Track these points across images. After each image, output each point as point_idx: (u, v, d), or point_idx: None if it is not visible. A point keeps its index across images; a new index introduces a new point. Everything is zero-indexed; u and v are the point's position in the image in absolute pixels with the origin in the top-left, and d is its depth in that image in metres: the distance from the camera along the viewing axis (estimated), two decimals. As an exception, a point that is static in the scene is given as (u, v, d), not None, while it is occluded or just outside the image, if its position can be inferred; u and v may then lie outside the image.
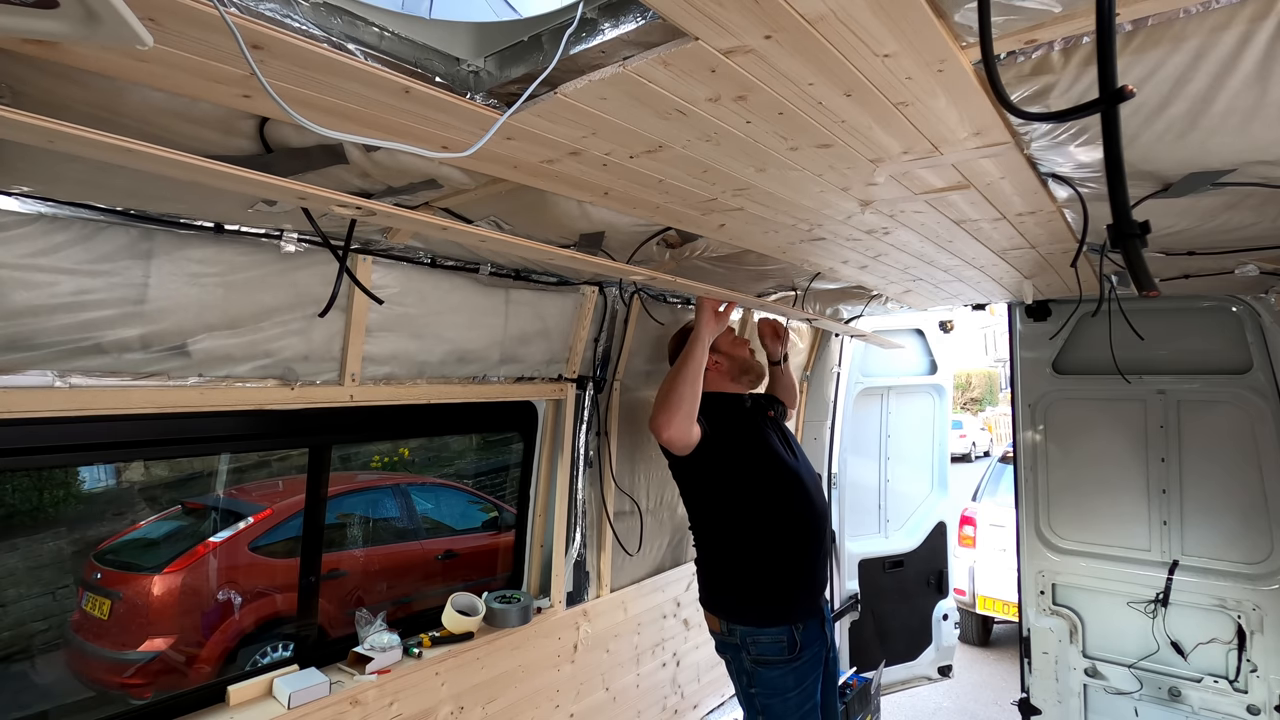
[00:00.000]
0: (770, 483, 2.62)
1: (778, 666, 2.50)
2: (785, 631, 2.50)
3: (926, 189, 1.59)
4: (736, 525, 2.60)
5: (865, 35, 0.89)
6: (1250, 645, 3.23)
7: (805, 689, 2.52)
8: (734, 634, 2.56)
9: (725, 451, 2.55)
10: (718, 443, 2.52)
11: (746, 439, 2.66)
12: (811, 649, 2.54)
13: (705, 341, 2.48)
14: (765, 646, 2.50)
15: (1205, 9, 0.90)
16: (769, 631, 2.51)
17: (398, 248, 2.00)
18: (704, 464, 2.54)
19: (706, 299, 2.49)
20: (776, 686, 2.51)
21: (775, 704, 2.51)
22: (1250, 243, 2.16)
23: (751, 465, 2.61)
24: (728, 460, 2.57)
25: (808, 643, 2.53)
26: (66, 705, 3.30)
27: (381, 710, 2.20)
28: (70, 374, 1.52)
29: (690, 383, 2.40)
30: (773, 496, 2.60)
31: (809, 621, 2.55)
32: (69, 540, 3.80)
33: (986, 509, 6.74)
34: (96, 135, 0.85)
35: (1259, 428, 3.24)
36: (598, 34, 0.94)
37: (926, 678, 4.85)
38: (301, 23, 0.88)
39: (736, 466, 2.59)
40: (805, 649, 2.52)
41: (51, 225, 1.42)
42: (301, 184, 1.06)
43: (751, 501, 2.59)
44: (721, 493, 2.61)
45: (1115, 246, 0.90)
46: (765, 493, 2.60)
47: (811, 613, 2.58)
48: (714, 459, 2.54)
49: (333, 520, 4.56)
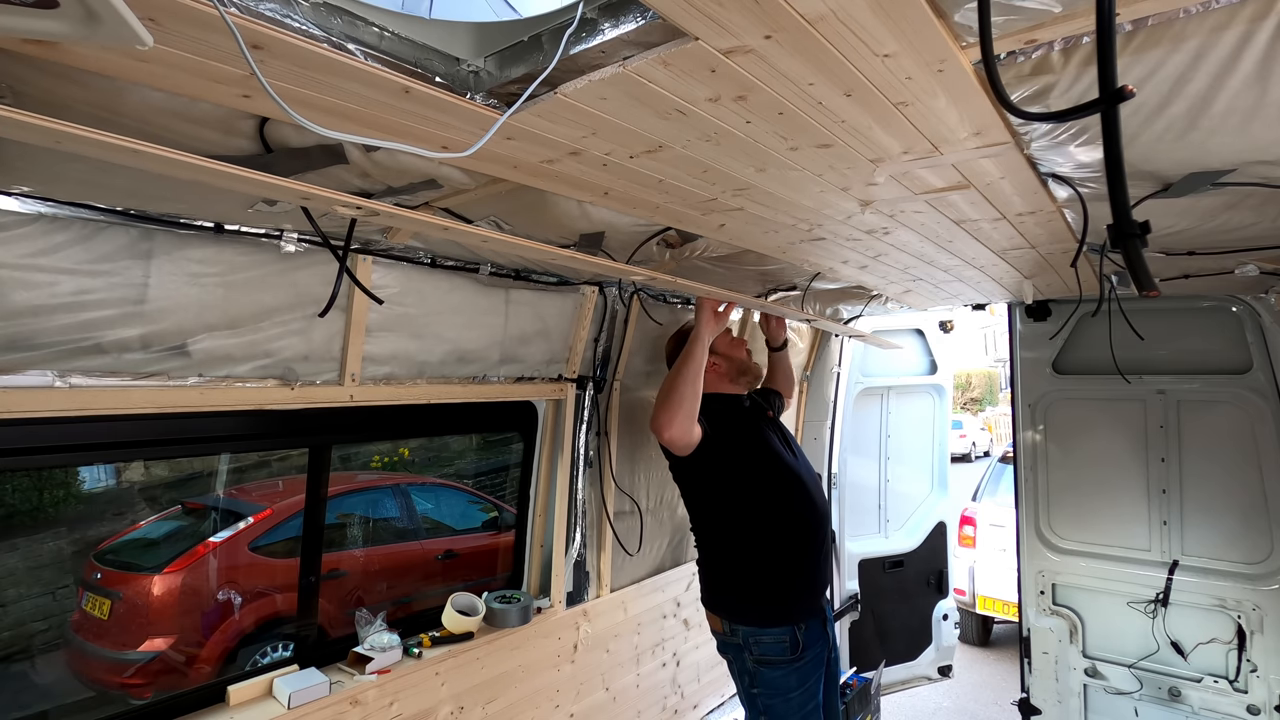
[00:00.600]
0: (771, 483, 2.61)
1: (780, 667, 2.50)
2: (788, 632, 2.50)
3: (926, 189, 1.59)
4: (737, 525, 2.59)
5: (865, 35, 0.89)
6: (1250, 645, 3.23)
7: (808, 689, 2.52)
8: (736, 634, 2.56)
9: (726, 452, 2.55)
10: (718, 443, 2.52)
11: (747, 439, 2.65)
12: (814, 649, 2.54)
13: (705, 341, 2.48)
14: (768, 647, 2.50)
15: (1205, 9, 0.90)
16: (771, 632, 2.51)
17: (398, 248, 2.00)
18: (705, 464, 2.54)
19: (706, 299, 2.49)
20: (779, 687, 2.50)
21: (778, 704, 2.50)
22: (1250, 243, 2.16)
23: (752, 465, 2.61)
24: (728, 460, 2.56)
25: (810, 643, 2.53)
26: (66, 705, 3.30)
27: (381, 710, 2.20)
28: (70, 374, 1.52)
29: (690, 382, 2.40)
30: (773, 496, 2.60)
31: (811, 622, 2.55)
32: (69, 540, 3.80)
33: (986, 509, 6.74)
34: (101, 136, 0.85)
35: (1259, 428, 3.24)
36: (598, 34, 0.94)
37: (926, 678, 4.85)
38: (301, 23, 0.88)
39: (737, 467, 2.58)
40: (808, 649, 2.52)
41: (51, 225, 1.42)
42: (304, 184, 1.07)
43: (752, 502, 2.59)
44: (722, 493, 2.60)
45: (1115, 246, 0.90)
46: (766, 493, 2.59)
47: (813, 613, 2.58)
48: (715, 459, 2.54)
49: (333, 520, 4.56)
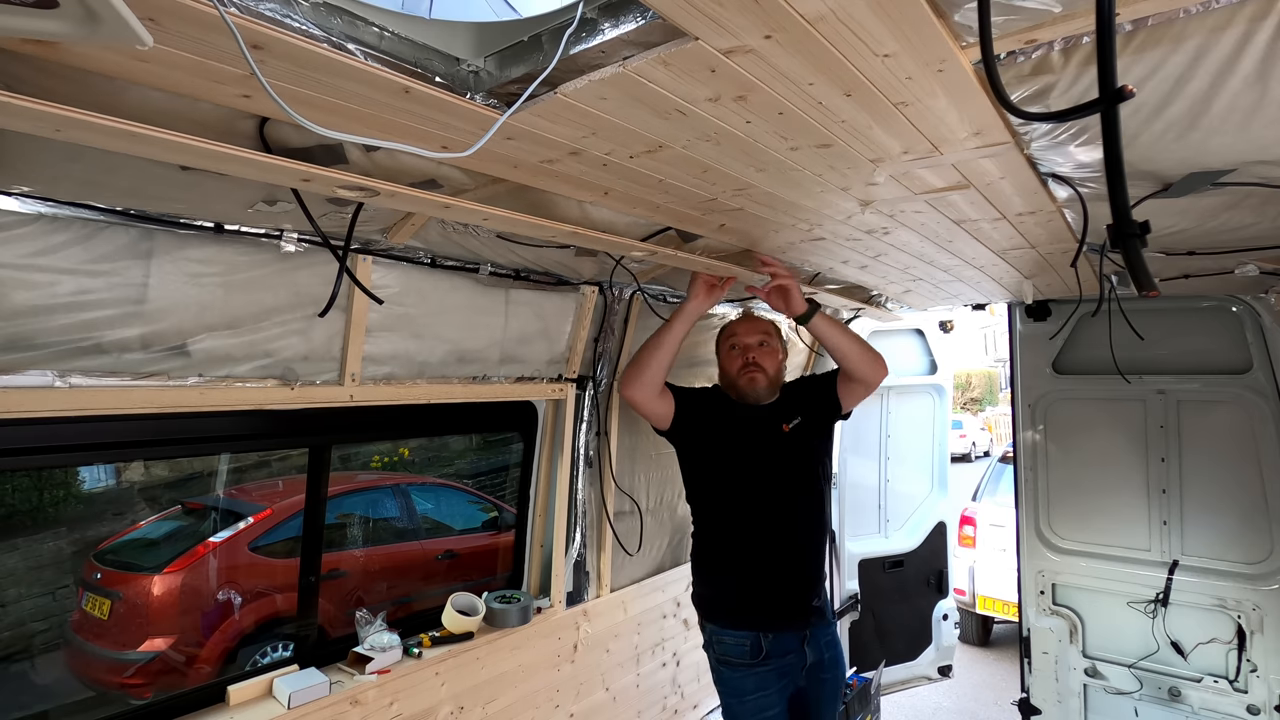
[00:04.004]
0: (728, 497, 2.51)
1: (739, 668, 2.43)
2: (750, 637, 2.41)
3: (926, 189, 1.59)
4: (700, 523, 2.59)
5: (865, 35, 0.89)
6: (1250, 645, 3.23)
7: (766, 695, 2.43)
8: (705, 629, 2.56)
9: (690, 445, 2.56)
10: (684, 433, 2.52)
11: (711, 442, 2.54)
12: (782, 660, 2.43)
13: (688, 314, 2.42)
14: (728, 647, 2.45)
15: (1205, 9, 0.90)
16: (731, 634, 2.45)
17: (398, 248, 1.99)
18: (677, 447, 2.57)
19: (701, 274, 2.41)
20: (735, 687, 2.45)
21: (734, 704, 2.46)
22: (1250, 243, 2.16)
23: (710, 471, 2.55)
24: (691, 456, 2.57)
25: (777, 652, 2.42)
26: (66, 705, 3.30)
27: (381, 710, 2.20)
28: (70, 374, 1.52)
29: (653, 349, 2.38)
30: (725, 510, 2.52)
31: (782, 634, 2.43)
32: (69, 540, 3.80)
33: (986, 509, 6.74)
34: (105, 120, 0.84)
35: (1259, 428, 3.24)
36: (598, 34, 0.94)
37: (926, 678, 4.85)
38: (301, 23, 0.88)
39: (697, 466, 2.57)
40: (774, 658, 2.42)
41: (51, 225, 1.42)
42: (304, 165, 1.05)
43: (709, 507, 2.55)
44: (689, 485, 2.62)
45: (1115, 246, 0.90)
46: (721, 504, 2.52)
47: (786, 626, 2.45)
48: (681, 446, 2.57)
49: (333, 520, 4.56)
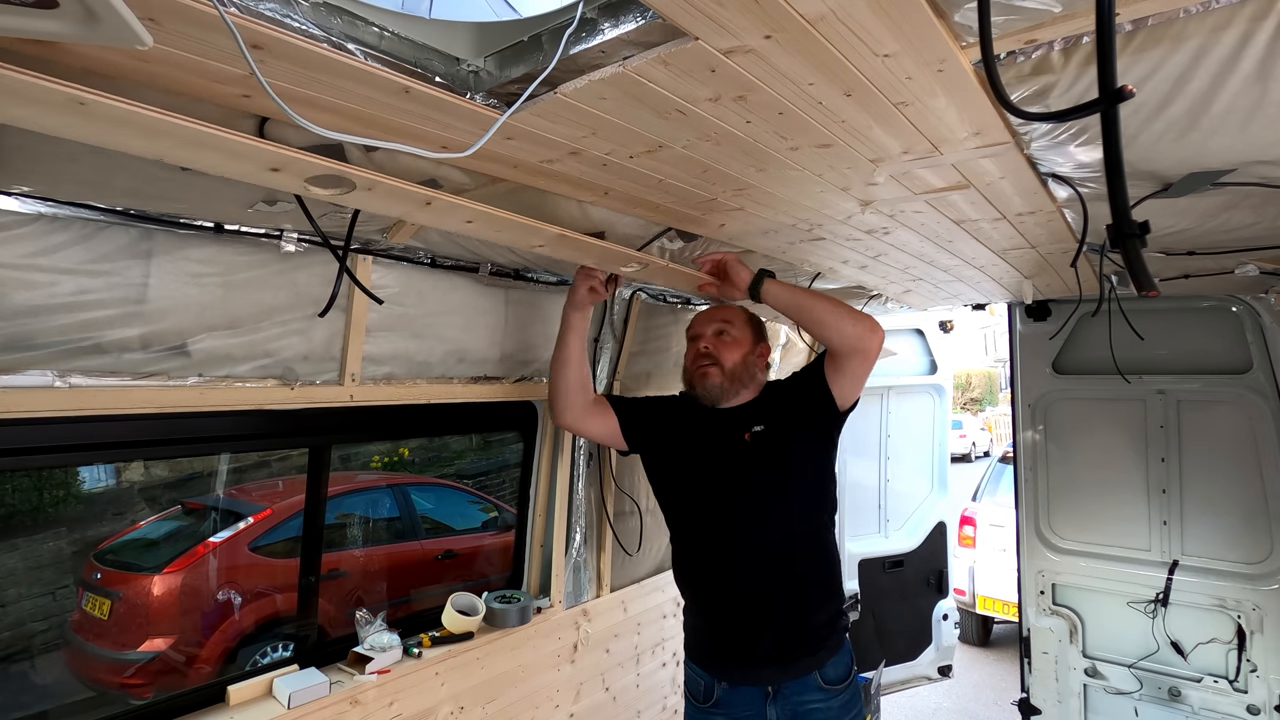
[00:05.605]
0: (685, 518, 2.28)
1: (691, 704, 2.25)
2: (703, 676, 2.18)
3: (926, 189, 1.59)
4: (672, 546, 2.36)
5: (865, 35, 0.89)
6: (1250, 645, 3.23)
7: None
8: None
9: (648, 461, 2.36)
10: (642, 448, 2.32)
11: (668, 456, 2.30)
12: (731, 710, 2.13)
13: (565, 318, 2.22)
14: (688, 679, 2.28)
15: (1205, 9, 0.90)
16: (692, 667, 2.26)
17: (397, 247, 2.00)
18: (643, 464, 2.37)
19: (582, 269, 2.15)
20: None
21: None
22: (1250, 243, 2.16)
23: (667, 489, 2.33)
24: (651, 472, 2.36)
25: (729, 705, 2.12)
26: (66, 705, 3.31)
27: (381, 710, 2.20)
28: (70, 374, 1.52)
29: (554, 365, 2.23)
30: (687, 535, 2.29)
31: (738, 687, 2.12)
32: (69, 540, 3.80)
33: (986, 509, 6.74)
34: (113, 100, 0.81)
35: (1259, 428, 3.24)
36: (598, 34, 0.94)
37: (926, 678, 4.86)
38: (301, 23, 0.88)
39: (657, 483, 2.36)
40: (723, 707, 2.13)
41: (51, 225, 1.42)
42: (310, 155, 1.05)
43: (674, 530, 2.33)
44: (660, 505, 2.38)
45: (1115, 246, 0.91)
46: (680, 527, 2.31)
47: (742, 677, 2.12)
48: (644, 463, 2.37)
49: (333, 520, 4.57)
